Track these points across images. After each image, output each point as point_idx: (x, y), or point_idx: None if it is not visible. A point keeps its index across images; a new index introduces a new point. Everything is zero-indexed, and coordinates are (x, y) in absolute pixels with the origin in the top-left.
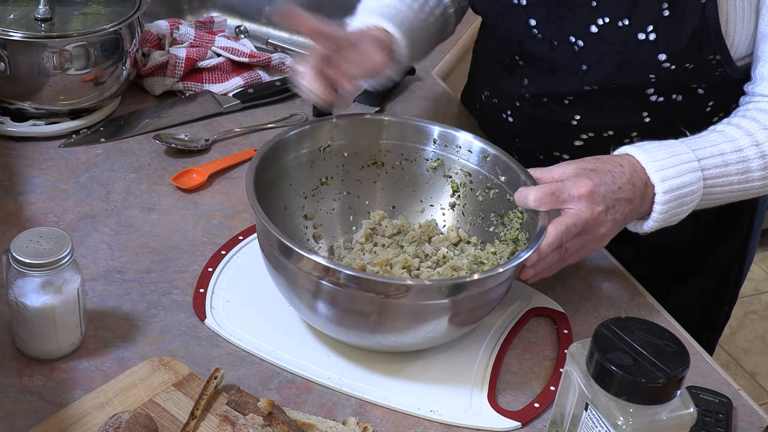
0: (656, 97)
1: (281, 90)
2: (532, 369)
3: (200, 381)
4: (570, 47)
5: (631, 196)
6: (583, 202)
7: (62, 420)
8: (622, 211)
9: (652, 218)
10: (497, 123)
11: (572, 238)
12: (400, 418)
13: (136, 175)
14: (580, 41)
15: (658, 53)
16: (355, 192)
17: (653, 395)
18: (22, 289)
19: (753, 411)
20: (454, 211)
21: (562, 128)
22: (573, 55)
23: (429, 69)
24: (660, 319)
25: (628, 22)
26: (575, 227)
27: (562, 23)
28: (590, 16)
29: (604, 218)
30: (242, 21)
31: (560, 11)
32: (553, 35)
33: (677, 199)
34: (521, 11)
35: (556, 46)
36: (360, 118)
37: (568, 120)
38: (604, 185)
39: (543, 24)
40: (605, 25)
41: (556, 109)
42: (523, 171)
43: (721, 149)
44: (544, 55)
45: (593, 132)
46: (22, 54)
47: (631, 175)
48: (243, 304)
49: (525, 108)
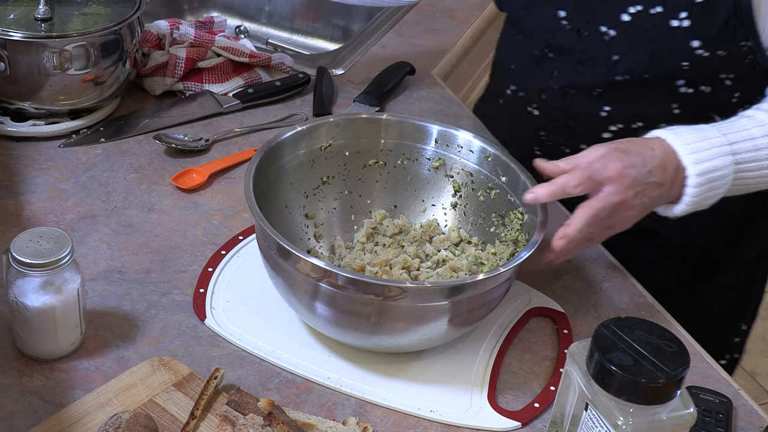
0: (685, 88)
1: (281, 90)
2: (532, 369)
3: (200, 381)
4: (600, 37)
5: (661, 180)
6: (615, 184)
7: (62, 420)
8: (651, 194)
9: (684, 202)
10: (522, 117)
11: (601, 220)
12: (400, 418)
13: (136, 175)
14: (611, 30)
15: (692, 40)
16: (356, 191)
17: (653, 395)
18: (22, 289)
19: (753, 411)
20: (455, 210)
21: (590, 120)
22: (603, 45)
23: (429, 69)
24: (660, 319)
25: (661, 9)
26: (604, 211)
27: (592, 13)
28: (621, 5)
29: (632, 202)
30: (242, 21)
31: (590, 1)
32: (582, 25)
33: (709, 182)
34: (549, 3)
35: (586, 36)
36: (360, 118)
37: (596, 111)
38: (634, 168)
39: (572, 14)
40: (637, 14)
41: (585, 100)
42: (524, 171)
43: (752, 134)
44: (573, 46)
45: (622, 123)
46: (22, 54)
47: (662, 158)
48: (243, 304)
49: (552, 100)
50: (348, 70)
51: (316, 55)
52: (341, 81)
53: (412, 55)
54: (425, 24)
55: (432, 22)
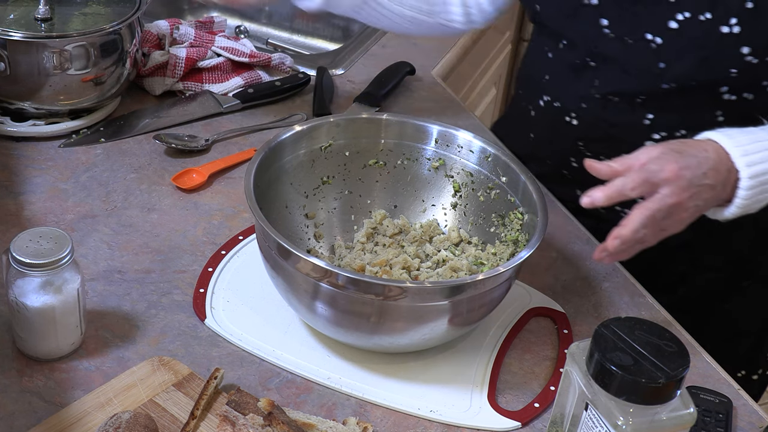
0: (729, 95)
1: (281, 90)
2: (532, 369)
3: (200, 381)
4: (646, 45)
5: (714, 182)
6: (671, 186)
7: (62, 420)
8: (705, 196)
9: (735, 204)
10: (558, 128)
11: (655, 223)
12: (400, 418)
13: (136, 175)
14: (657, 38)
15: (742, 46)
16: (356, 191)
17: (653, 395)
18: (22, 289)
19: (753, 411)
20: (455, 211)
21: (632, 128)
22: (650, 53)
23: (429, 69)
24: (660, 319)
25: (710, 15)
26: (660, 212)
27: (637, 21)
28: (669, 12)
29: (687, 204)
30: (242, 21)
31: (634, 8)
32: (626, 33)
33: (761, 185)
34: (592, 11)
35: (630, 44)
36: (360, 118)
37: (639, 120)
38: (689, 169)
39: (616, 23)
40: (685, 20)
41: (627, 108)
42: (525, 171)
43: None
44: (616, 55)
45: (666, 132)
46: (22, 54)
47: (715, 161)
48: (243, 304)
49: (592, 109)
50: (348, 70)
51: (316, 55)
52: (341, 81)
53: (412, 55)
54: None
55: None
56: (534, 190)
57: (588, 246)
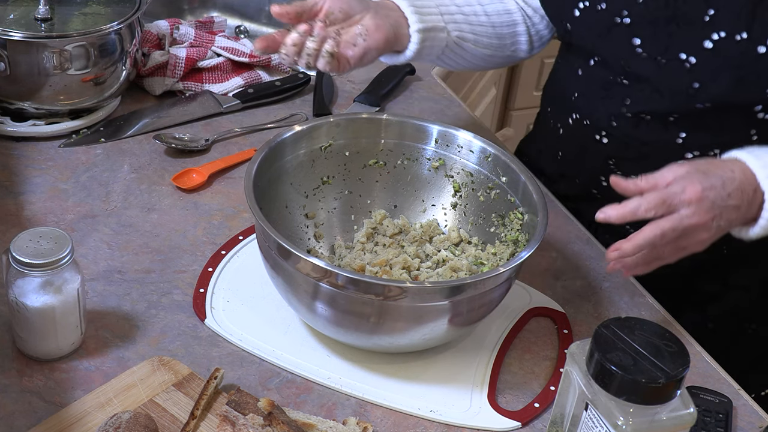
0: (764, 114)
1: (281, 90)
2: (532, 369)
3: (200, 381)
4: (680, 65)
5: (739, 203)
6: (692, 207)
7: (62, 420)
8: (728, 218)
9: (760, 225)
10: (588, 146)
11: (669, 241)
12: (400, 418)
13: (136, 175)
14: (692, 58)
15: None
16: (356, 191)
17: (653, 395)
18: (22, 289)
19: (753, 411)
20: (455, 211)
21: (664, 147)
22: (684, 73)
23: (429, 69)
24: (660, 319)
25: (746, 35)
26: (673, 232)
27: (671, 40)
28: (704, 32)
29: (710, 224)
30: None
31: (668, 28)
32: (660, 53)
33: None
34: (625, 30)
35: (664, 64)
36: (360, 118)
37: (672, 138)
38: (713, 190)
39: (649, 42)
40: (721, 40)
41: (659, 127)
42: (524, 171)
43: None
44: (649, 74)
45: (699, 150)
46: (22, 54)
47: (741, 181)
48: (243, 304)
49: (623, 128)
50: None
51: None
52: (341, 81)
53: None
54: None
55: None
56: (534, 190)
57: (588, 246)
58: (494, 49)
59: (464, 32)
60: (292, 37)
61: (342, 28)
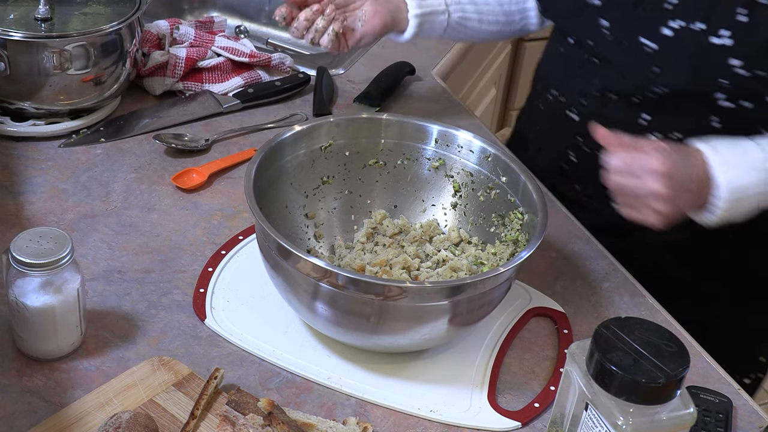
0: (726, 102)
1: (281, 90)
2: (532, 369)
3: (200, 381)
4: (641, 49)
5: (694, 189)
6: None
7: (62, 420)
8: (684, 199)
9: (714, 213)
10: (561, 122)
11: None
12: (400, 418)
13: (136, 175)
14: (652, 44)
15: (732, 58)
16: (356, 191)
17: (653, 395)
18: (22, 289)
19: (753, 411)
20: (455, 211)
21: (629, 128)
22: (644, 58)
23: (429, 69)
24: (660, 319)
25: (703, 25)
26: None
27: (636, 24)
28: (664, 18)
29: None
30: (242, 21)
31: (634, 12)
32: (624, 37)
33: (738, 199)
34: (594, 12)
35: (627, 47)
36: (360, 118)
37: (635, 120)
38: (678, 169)
39: (616, 25)
40: (679, 29)
41: (625, 108)
42: (525, 171)
43: None
44: (614, 57)
45: (661, 133)
46: (22, 54)
47: (701, 169)
48: (243, 304)
49: (592, 106)
50: (348, 70)
51: (316, 55)
52: (341, 81)
53: (412, 55)
54: None
55: None
56: (534, 189)
57: (588, 246)
58: (501, 25)
59: (467, 12)
60: (306, 13)
61: (346, 11)
